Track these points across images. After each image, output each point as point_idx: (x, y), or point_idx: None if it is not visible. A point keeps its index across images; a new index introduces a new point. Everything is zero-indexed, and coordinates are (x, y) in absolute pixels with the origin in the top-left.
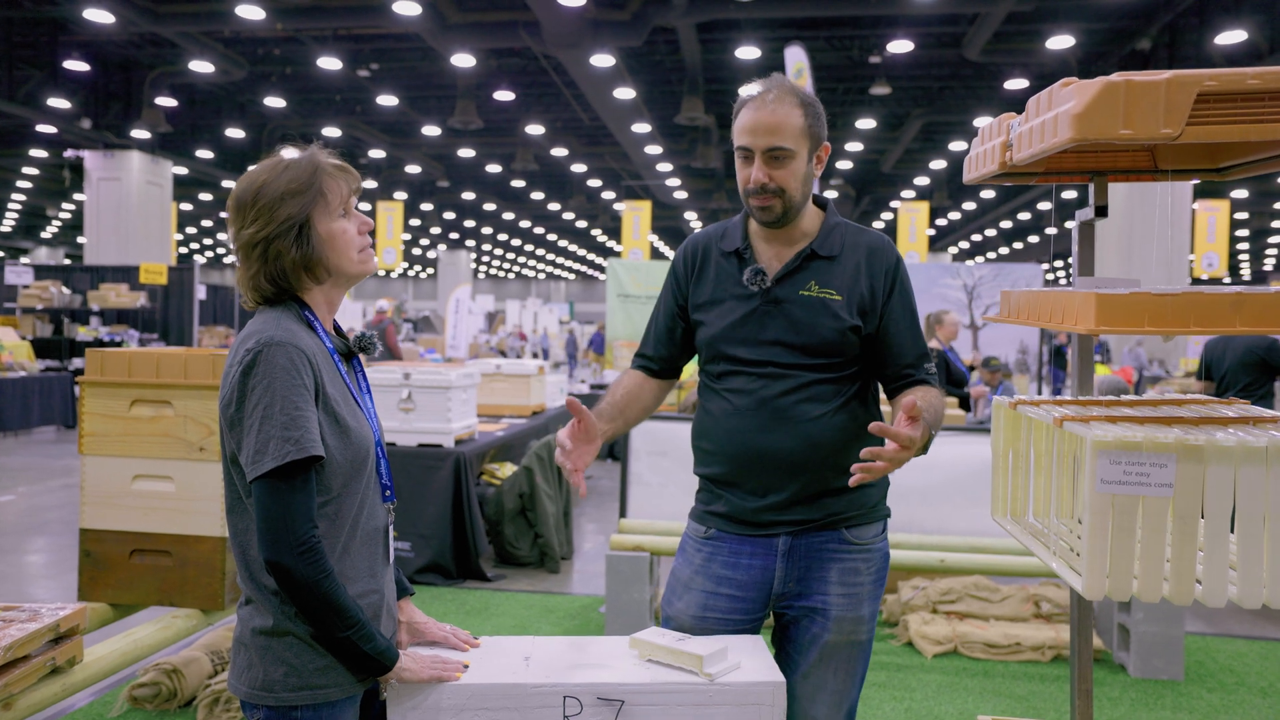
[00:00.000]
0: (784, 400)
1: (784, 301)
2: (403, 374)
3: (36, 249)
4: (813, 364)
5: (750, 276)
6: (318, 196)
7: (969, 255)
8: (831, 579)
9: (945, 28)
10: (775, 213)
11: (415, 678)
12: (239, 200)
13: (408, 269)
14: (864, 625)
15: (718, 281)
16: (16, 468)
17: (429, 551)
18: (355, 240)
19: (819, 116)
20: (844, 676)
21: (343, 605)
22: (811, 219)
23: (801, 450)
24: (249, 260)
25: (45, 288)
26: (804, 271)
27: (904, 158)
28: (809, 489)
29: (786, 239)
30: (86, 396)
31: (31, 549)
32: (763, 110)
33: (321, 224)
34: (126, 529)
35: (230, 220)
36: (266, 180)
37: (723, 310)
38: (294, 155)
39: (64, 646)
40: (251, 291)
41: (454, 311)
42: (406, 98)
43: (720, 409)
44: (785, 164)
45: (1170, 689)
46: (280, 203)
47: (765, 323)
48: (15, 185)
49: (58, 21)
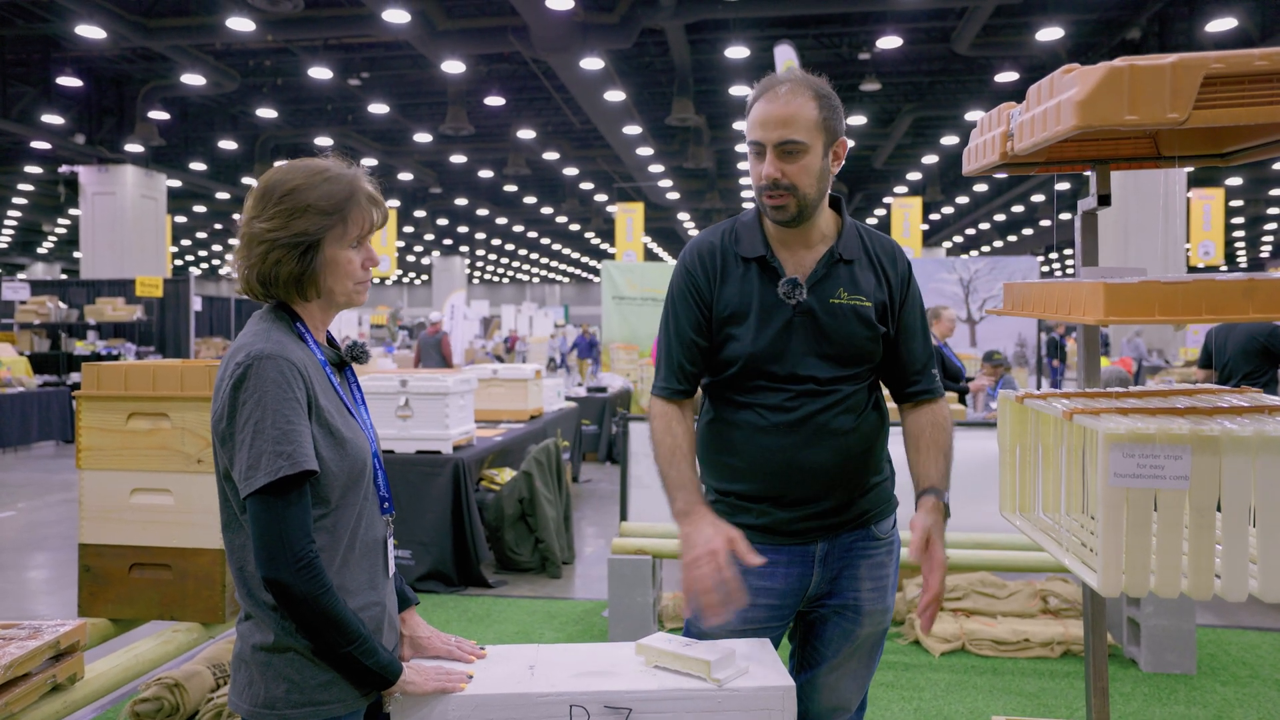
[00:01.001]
0: (824, 416)
1: (815, 311)
2: (399, 381)
3: (33, 264)
4: (847, 375)
5: (788, 290)
6: (339, 222)
7: (963, 249)
8: (862, 575)
9: (934, 22)
10: (789, 212)
11: (419, 690)
12: (266, 189)
13: (402, 276)
14: (889, 614)
15: (742, 291)
16: (16, 483)
17: (429, 559)
18: (356, 273)
19: (835, 110)
20: (869, 662)
21: (343, 620)
22: (828, 219)
23: (840, 463)
24: (248, 253)
25: (42, 303)
26: (830, 278)
27: (895, 153)
28: (845, 496)
29: (804, 241)
30: (84, 410)
31: (31, 565)
32: (775, 102)
33: (330, 249)
34: (126, 543)
35: (248, 204)
36: (300, 185)
37: (753, 323)
38: (338, 168)
39: (65, 663)
40: (242, 282)
41: (450, 317)
42: (397, 105)
43: (749, 423)
44: (798, 159)
45: (1183, 683)
46: (301, 214)
47: (800, 336)
48: (11, 202)
49: (50, 38)
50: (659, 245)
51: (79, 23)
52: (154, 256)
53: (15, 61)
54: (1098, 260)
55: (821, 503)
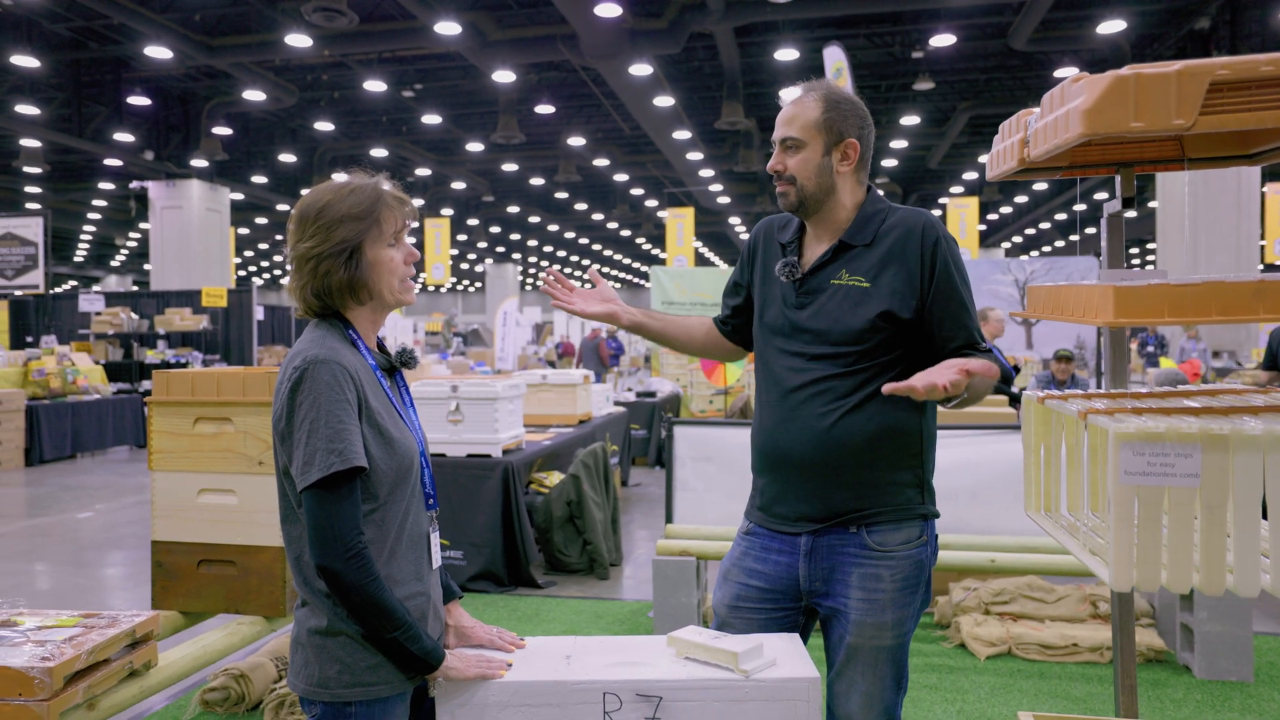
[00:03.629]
0: (797, 396)
1: (816, 292)
2: (450, 387)
3: (107, 277)
4: (841, 353)
5: (781, 267)
6: (373, 224)
7: (1023, 250)
8: (852, 583)
9: (990, 18)
10: (790, 200)
11: (461, 675)
12: (302, 214)
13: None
14: (887, 631)
15: (768, 267)
16: (94, 486)
17: (480, 560)
18: (399, 270)
19: (845, 114)
20: (872, 679)
21: (390, 607)
22: (852, 212)
23: (817, 452)
24: (300, 272)
25: (115, 314)
26: (835, 262)
27: (951, 153)
28: (826, 488)
29: (827, 233)
30: (154, 416)
31: (110, 562)
32: (787, 107)
33: (371, 250)
34: (194, 540)
35: (290, 232)
36: (330, 201)
37: (765, 299)
38: (360, 179)
39: (140, 651)
40: (300, 302)
41: (502, 324)
42: (450, 116)
43: (759, 402)
44: (795, 153)
45: (1239, 691)
46: (339, 224)
47: (797, 313)
48: (86, 217)
49: (121, 60)
50: (710, 250)
51: (147, 44)
52: (219, 267)
53: (89, 83)
54: (1124, 262)
55: (798, 489)
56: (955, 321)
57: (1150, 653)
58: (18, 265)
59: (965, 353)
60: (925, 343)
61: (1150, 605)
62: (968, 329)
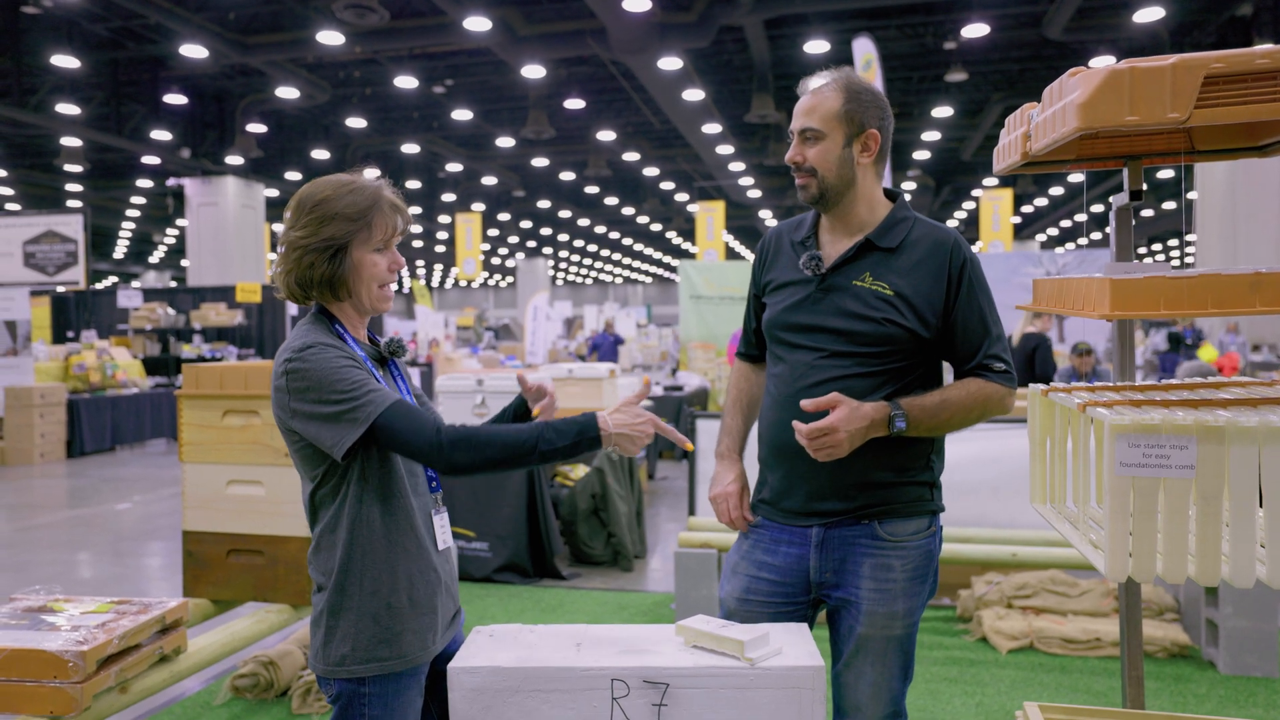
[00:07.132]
0: (814, 391)
1: (837, 290)
2: (476, 380)
3: (145, 273)
4: (855, 353)
5: (806, 261)
6: (364, 227)
7: (1058, 242)
8: (864, 573)
9: (1024, 7)
10: (811, 192)
11: (630, 426)
12: (300, 202)
13: (488, 278)
14: (898, 620)
15: (782, 268)
16: (132, 478)
17: (506, 551)
18: (380, 275)
19: (865, 105)
20: (880, 669)
21: (516, 441)
22: (877, 211)
23: None
24: (286, 258)
25: (153, 309)
26: (860, 261)
27: (985, 144)
28: (837, 482)
29: (846, 229)
30: (185, 409)
31: (146, 552)
32: (805, 97)
33: (357, 252)
34: (223, 530)
35: (286, 217)
36: (328, 196)
37: (783, 295)
38: (363, 180)
39: (170, 637)
40: (284, 287)
41: (533, 319)
42: (480, 111)
43: (769, 394)
44: (815, 144)
45: (1264, 686)
46: (330, 221)
47: (815, 309)
48: (125, 214)
49: (158, 59)
50: (740, 243)
51: (183, 43)
52: (254, 263)
53: (127, 82)
54: (1132, 255)
55: (810, 484)
56: (973, 334)
57: (1175, 648)
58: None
59: (977, 373)
60: (944, 353)
61: (1175, 600)
62: (982, 340)
